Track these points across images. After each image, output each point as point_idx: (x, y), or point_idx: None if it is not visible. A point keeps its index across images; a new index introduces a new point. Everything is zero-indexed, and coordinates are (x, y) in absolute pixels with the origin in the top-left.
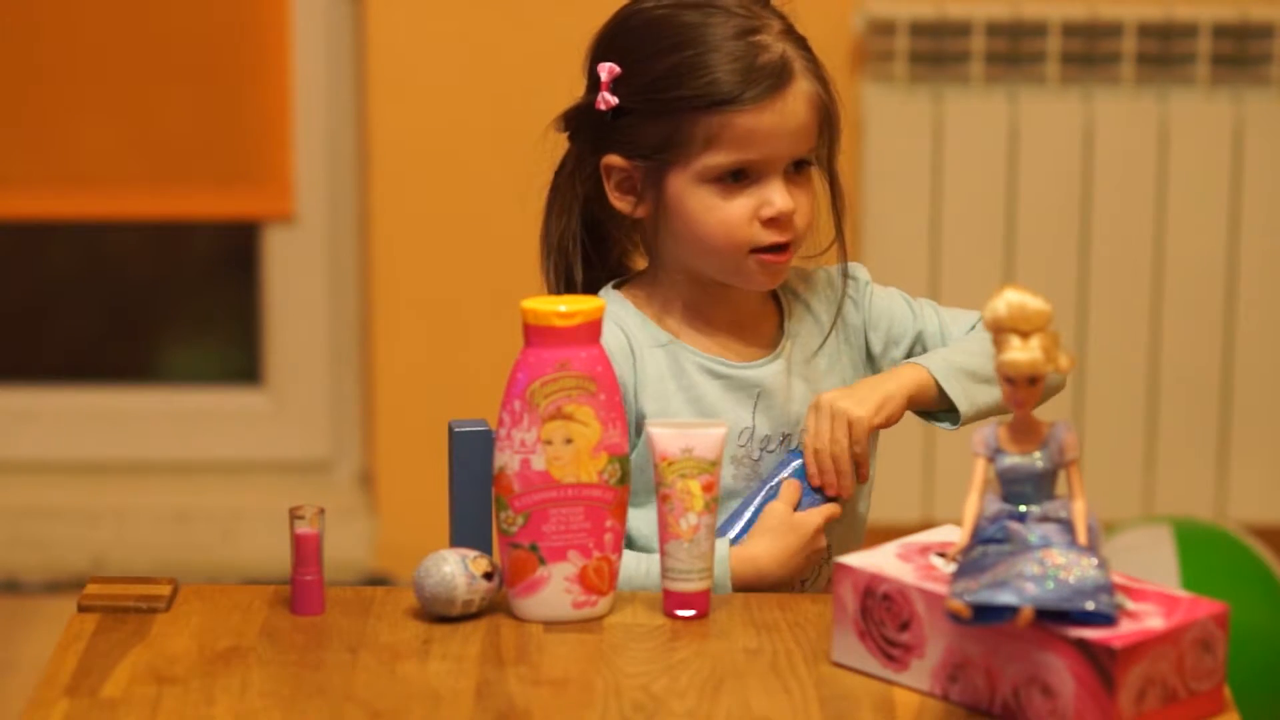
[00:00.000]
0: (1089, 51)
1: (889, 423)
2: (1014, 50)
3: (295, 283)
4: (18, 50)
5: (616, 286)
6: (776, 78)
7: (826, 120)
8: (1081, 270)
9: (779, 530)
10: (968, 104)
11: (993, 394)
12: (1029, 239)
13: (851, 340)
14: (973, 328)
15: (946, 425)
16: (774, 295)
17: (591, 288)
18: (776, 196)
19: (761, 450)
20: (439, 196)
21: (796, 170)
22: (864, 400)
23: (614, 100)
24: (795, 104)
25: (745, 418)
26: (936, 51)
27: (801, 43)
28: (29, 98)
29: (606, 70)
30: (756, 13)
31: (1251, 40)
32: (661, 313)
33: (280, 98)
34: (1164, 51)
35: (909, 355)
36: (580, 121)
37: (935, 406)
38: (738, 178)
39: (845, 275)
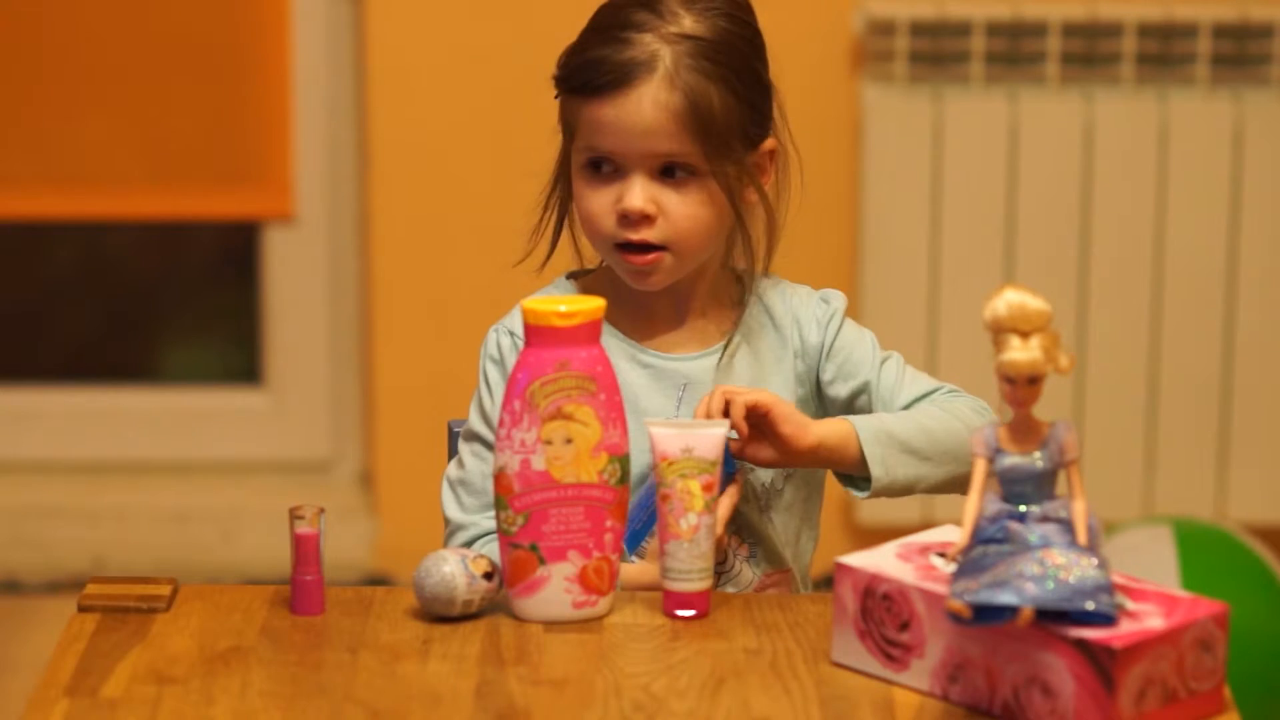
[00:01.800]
0: (1089, 51)
1: (792, 443)
2: (1014, 50)
3: (295, 283)
4: (18, 50)
5: (570, 277)
6: (624, 74)
7: (701, 131)
8: (1081, 270)
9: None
10: (968, 104)
11: (917, 470)
12: (1029, 239)
13: (806, 359)
14: (926, 395)
15: (859, 493)
16: (740, 297)
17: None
18: (629, 192)
19: None
20: (439, 196)
21: (672, 174)
22: (757, 390)
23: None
24: (641, 105)
25: (669, 409)
26: (936, 51)
27: (705, 52)
28: (29, 97)
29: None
30: (675, 13)
31: (1251, 40)
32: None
33: (280, 98)
34: (1164, 51)
35: (852, 398)
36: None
37: (853, 468)
38: (600, 168)
39: (749, 284)
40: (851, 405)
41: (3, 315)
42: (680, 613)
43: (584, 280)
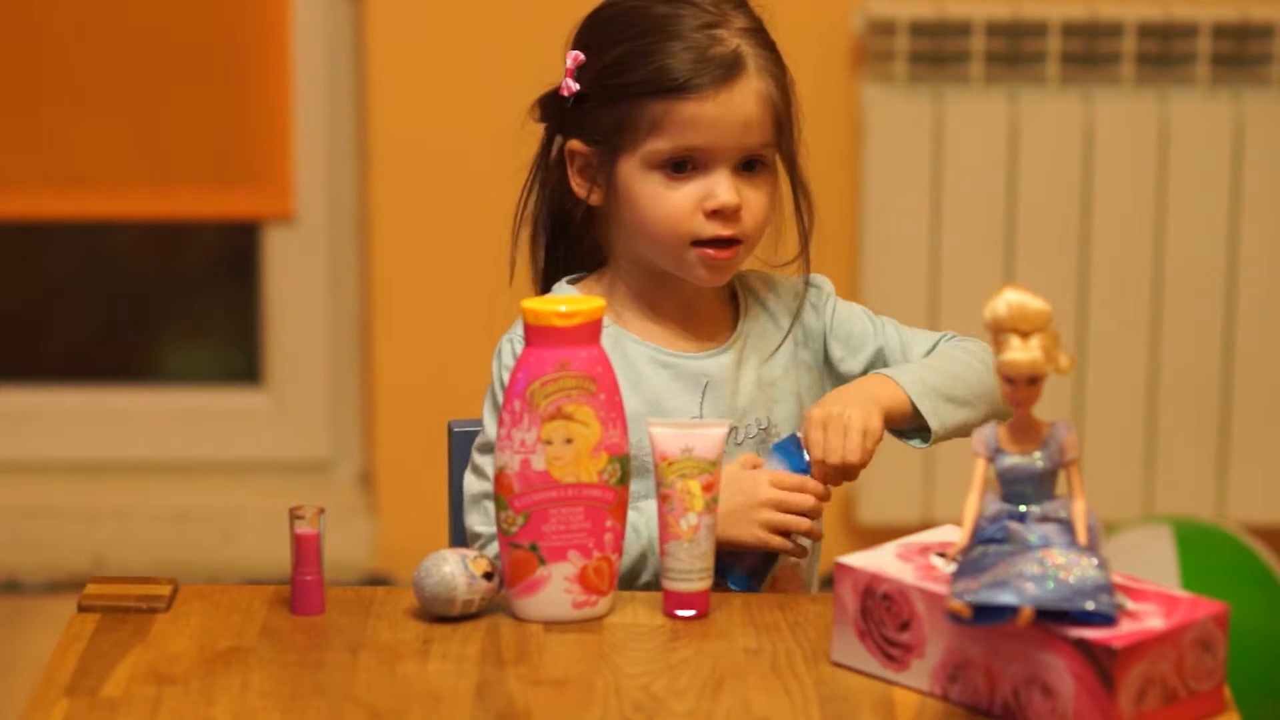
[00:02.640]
0: (1089, 51)
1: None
2: (1014, 50)
3: (295, 283)
4: (18, 50)
5: (572, 282)
6: (726, 69)
7: (781, 122)
8: (1081, 270)
9: (725, 485)
10: (968, 104)
11: (961, 415)
12: (1029, 239)
13: (811, 345)
14: (933, 346)
15: (916, 443)
16: (732, 293)
17: (553, 273)
18: (721, 189)
19: None
20: (439, 196)
21: (749, 169)
22: (869, 413)
23: (575, 86)
24: (743, 98)
25: (693, 407)
26: (936, 51)
27: (765, 43)
28: (29, 97)
29: (571, 57)
30: (724, 10)
31: (1251, 40)
32: (611, 305)
33: (280, 98)
34: (1164, 51)
35: (868, 367)
36: (549, 108)
37: (906, 424)
38: (681, 168)
39: (807, 283)
40: (869, 369)
41: (3, 315)
42: (680, 613)
43: (583, 284)
